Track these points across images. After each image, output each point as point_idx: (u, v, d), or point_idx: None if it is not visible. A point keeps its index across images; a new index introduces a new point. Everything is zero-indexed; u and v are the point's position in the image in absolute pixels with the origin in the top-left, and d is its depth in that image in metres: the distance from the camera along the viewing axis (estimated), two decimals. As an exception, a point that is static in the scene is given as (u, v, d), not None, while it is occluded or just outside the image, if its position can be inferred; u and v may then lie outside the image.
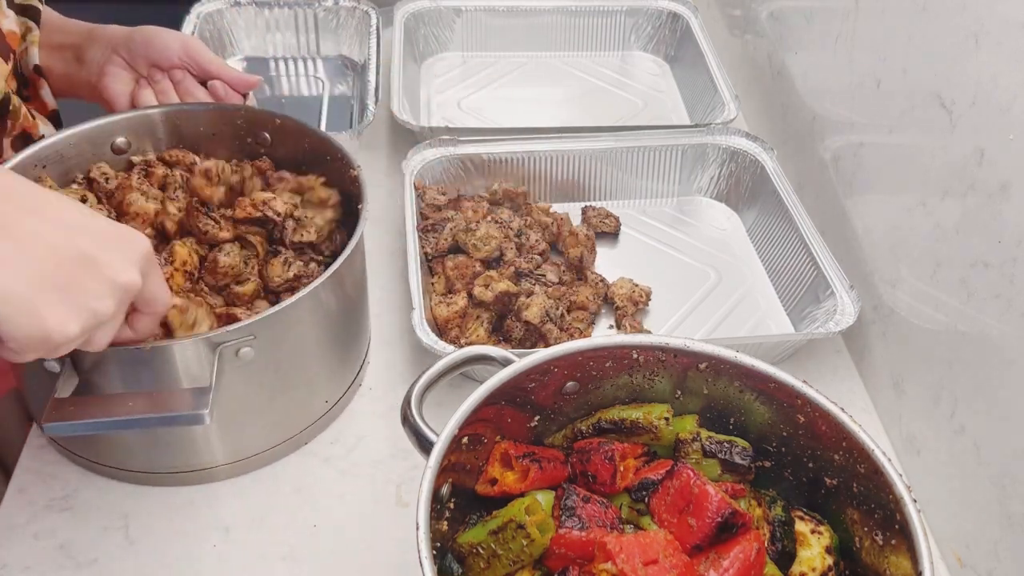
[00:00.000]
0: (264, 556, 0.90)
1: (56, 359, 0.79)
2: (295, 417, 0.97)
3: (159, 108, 1.07)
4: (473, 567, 0.72)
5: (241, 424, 0.92)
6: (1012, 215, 0.83)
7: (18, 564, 0.88)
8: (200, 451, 0.93)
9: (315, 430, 1.00)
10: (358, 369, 1.05)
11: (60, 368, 0.80)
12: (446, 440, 0.70)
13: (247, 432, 0.94)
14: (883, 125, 1.07)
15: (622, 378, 0.82)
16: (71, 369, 0.81)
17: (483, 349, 0.80)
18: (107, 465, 0.94)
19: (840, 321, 1.05)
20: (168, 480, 0.94)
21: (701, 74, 1.51)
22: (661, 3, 1.65)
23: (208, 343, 0.82)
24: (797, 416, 0.77)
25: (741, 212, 1.33)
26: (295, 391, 0.95)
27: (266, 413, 0.94)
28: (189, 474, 0.94)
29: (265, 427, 0.95)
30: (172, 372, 0.83)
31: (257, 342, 0.85)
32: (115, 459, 0.93)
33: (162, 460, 0.93)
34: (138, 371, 0.83)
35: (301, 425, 0.98)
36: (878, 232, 1.09)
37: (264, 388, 0.91)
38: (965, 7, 0.90)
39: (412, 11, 1.59)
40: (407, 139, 1.38)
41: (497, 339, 1.09)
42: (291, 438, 0.98)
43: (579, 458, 0.79)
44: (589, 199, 1.34)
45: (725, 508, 0.70)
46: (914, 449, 1.00)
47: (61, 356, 0.73)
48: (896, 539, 0.69)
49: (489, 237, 1.14)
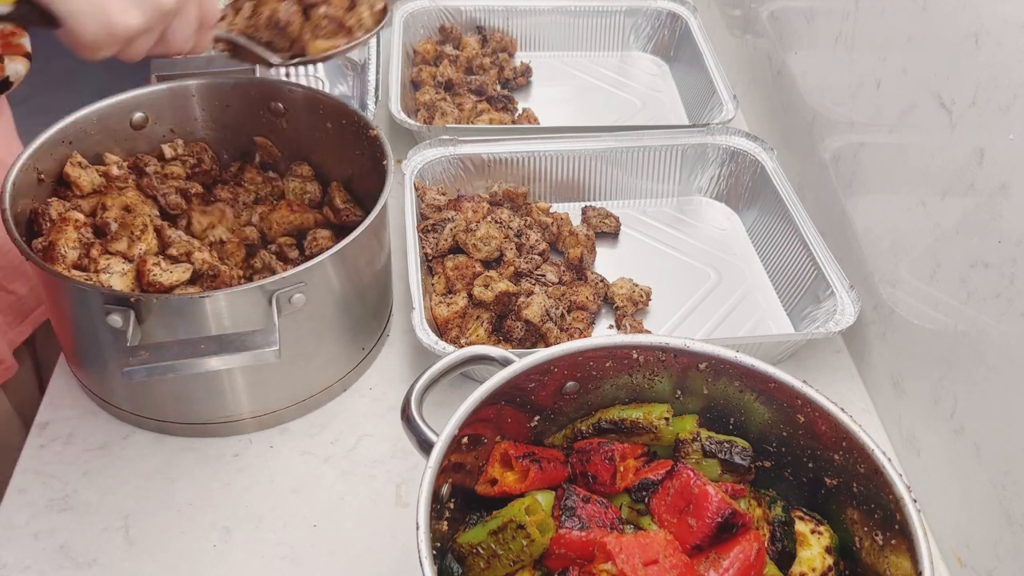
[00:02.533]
0: (264, 556, 0.90)
1: (119, 314, 0.84)
2: (338, 362, 1.03)
3: (175, 83, 1.11)
4: (473, 567, 0.72)
5: (294, 370, 0.98)
6: (1012, 215, 0.83)
7: (18, 564, 0.88)
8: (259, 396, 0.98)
9: (354, 376, 1.06)
10: (387, 318, 1.11)
11: (122, 323, 0.85)
12: (446, 440, 0.70)
13: (296, 377, 0.99)
14: (883, 125, 1.07)
15: (622, 378, 0.82)
16: (135, 321, 0.85)
17: (483, 349, 0.80)
18: (153, 419, 0.98)
19: (840, 321, 1.05)
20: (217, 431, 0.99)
21: (700, 74, 1.51)
22: (660, 3, 1.65)
23: (263, 291, 0.88)
24: (797, 416, 0.77)
25: (741, 212, 1.33)
26: (340, 337, 1.00)
27: (313, 359, 0.99)
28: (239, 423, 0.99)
29: (314, 371, 1.00)
30: (229, 318, 0.88)
31: (308, 288, 0.91)
32: (161, 412, 0.98)
33: (211, 410, 0.97)
34: (198, 321, 0.88)
35: (343, 371, 1.04)
36: (878, 232, 1.09)
37: (313, 334, 0.96)
38: (965, 7, 0.90)
39: (412, 11, 1.59)
40: (407, 139, 1.38)
41: (497, 339, 1.09)
42: (333, 384, 1.03)
43: (579, 458, 0.79)
44: (589, 199, 1.34)
45: (725, 508, 0.70)
46: (914, 449, 1.00)
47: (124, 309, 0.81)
48: (896, 539, 0.69)
49: (489, 237, 1.14)
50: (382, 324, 1.10)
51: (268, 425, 1.01)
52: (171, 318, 0.88)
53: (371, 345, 1.07)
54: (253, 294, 0.88)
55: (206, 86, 1.12)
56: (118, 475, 0.96)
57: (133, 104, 1.09)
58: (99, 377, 0.99)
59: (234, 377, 0.95)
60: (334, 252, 0.92)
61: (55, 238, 0.96)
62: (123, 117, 1.08)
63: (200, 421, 0.98)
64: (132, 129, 1.10)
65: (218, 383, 0.95)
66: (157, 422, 0.99)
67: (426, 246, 1.16)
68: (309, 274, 0.91)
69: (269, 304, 0.89)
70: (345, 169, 1.15)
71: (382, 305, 1.09)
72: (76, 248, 0.97)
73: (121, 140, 1.09)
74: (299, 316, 0.92)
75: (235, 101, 1.13)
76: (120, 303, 0.86)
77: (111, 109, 1.07)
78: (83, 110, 1.04)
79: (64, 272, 0.93)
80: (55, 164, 1.03)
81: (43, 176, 1.01)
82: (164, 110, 1.11)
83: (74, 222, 0.98)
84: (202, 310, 0.88)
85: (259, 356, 0.84)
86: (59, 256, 0.95)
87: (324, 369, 1.02)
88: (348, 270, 0.97)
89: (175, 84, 1.11)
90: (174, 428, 0.99)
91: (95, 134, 1.06)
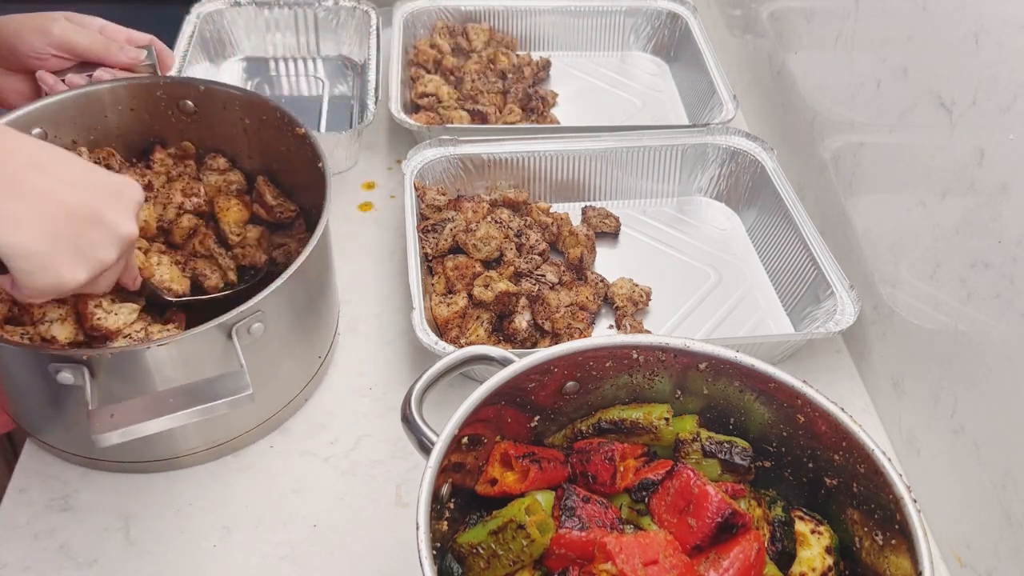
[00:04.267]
0: (264, 556, 0.90)
1: (70, 371, 0.80)
2: (297, 377, 1.02)
3: (72, 92, 1.02)
4: (473, 567, 0.72)
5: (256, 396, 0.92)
6: (1012, 215, 0.83)
7: (18, 564, 0.88)
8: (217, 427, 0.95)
9: (313, 386, 1.04)
10: (336, 319, 1.10)
11: (74, 379, 0.80)
12: (446, 440, 0.70)
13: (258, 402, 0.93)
14: (883, 125, 1.07)
15: (622, 378, 0.82)
16: (91, 379, 0.81)
17: (483, 349, 0.80)
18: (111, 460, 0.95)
19: (840, 321, 1.05)
20: (174, 464, 0.96)
21: (700, 74, 1.51)
22: (660, 3, 1.65)
23: (221, 328, 0.84)
24: (797, 416, 0.77)
25: (741, 212, 1.33)
26: (298, 352, 0.99)
27: (272, 380, 0.97)
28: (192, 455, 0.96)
29: (273, 392, 0.98)
30: (190, 360, 0.85)
31: (265, 316, 0.88)
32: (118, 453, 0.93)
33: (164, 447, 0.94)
34: (160, 369, 0.84)
35: (302, 383, 1.02)
36: (878, 232, 1.09)
37: (272, 358, 0.94)
38: (965, 7, 0.90)
39: (412, 11, 1.59)
40: (407, 139, 1.38)
41: (497, 339, 1.09)
42: (294, 399, 1.02)
43: (579, 458, 0.79)
44: (589, 199, 1.34)
45: (725, 508, 0.70)
46: (914, 449, 1.00)
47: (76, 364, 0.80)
48: (896, 539, 0.69)
49: (489, 237, 1.14)
50: (333, 326, 1.08)
51: (228, 452, 0.98)
52: (126, 369, 0.83)
53: (326, 351, 1.05)
54: (211, 333, 0.84)
55: (106, 91, 1.03)
56: (118, 475, 0.96)
57: (31, 120, 0.99)
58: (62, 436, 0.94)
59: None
60: (291, 273, 0.88)
61: None
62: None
63: (158, 458, 0.95)
64: None
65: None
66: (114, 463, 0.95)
67: (426, 246, 1.16)
68: (266, 303, 0.87)
69: (228, 338, 0.85)
70: (269, 164, 1.09)
71: (332, 307, 1.06)
72: (4, 301, 0.89)
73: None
74: (256, 344, 0.89)
75: (139, 103, 1.05)
76: (71, 360, 0.79)
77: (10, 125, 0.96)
78: None
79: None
80: None
81: None
82: (64, 123, 1.02)
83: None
84: (156, 359, 0.83)
85: (233, 403, 0.79)
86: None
87: (283, 387, 0.99)
88: (303, 287, 0.94)
89: (73, 93, 1.01)
90: (131, 467, 0.95)
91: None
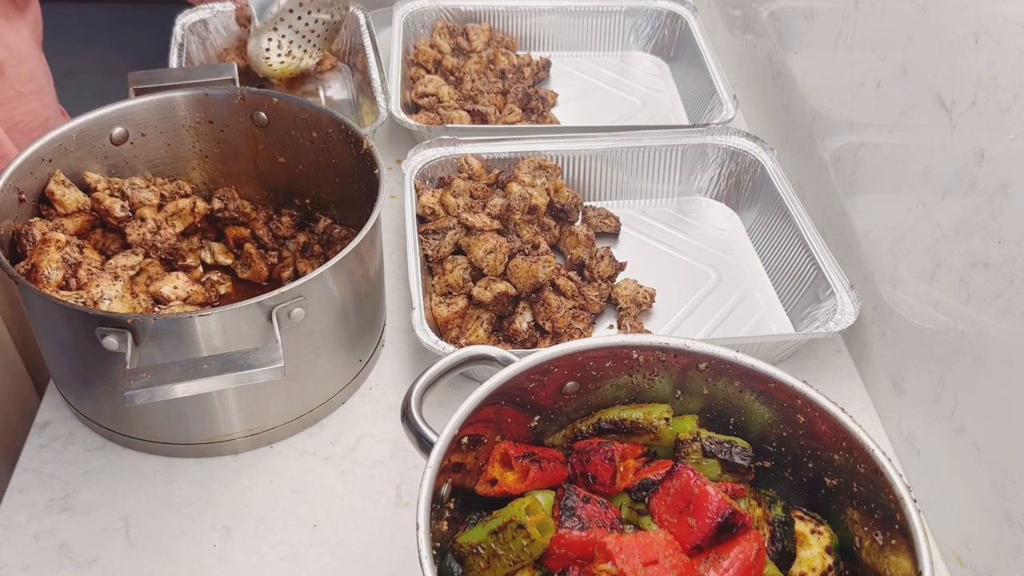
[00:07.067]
0: (264, 556, 0.90)
1: (115, 336, 0.83)
2: (336, 377, 1.02)
3: (152, 97, 1.08)
4: (473, 567, 0.72)
5: (292, 384, 0.97)
6: (1012, 215, 0.83)
7: (18, 564, 0.88)
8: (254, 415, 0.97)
9: (350, 390, 1.05)
10: (381, 329, 1.10)
11: (118, 345, 0.84)
12: (446, 440, 0.70)
13: (294, 395, 0.98)
14: (883, 125, 1.07)
15: (622, 378, 0.82)
16: (133, 346, 0.84)
17: (483, 349, 0.80)
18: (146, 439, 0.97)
19: (840, 321, 1.05)
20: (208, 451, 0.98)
21: (700, 74, 1.51)
22: (660, 3, 1.65)
23: (261, 307, 0.87)
24: (797, 416, 0.77)
25: (741, 212, 1.33)
26: (338, 350, 1.00)
27: (311, 375, 0.98)
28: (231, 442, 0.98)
29: (311, 387, 0.99)
30: (228, 336, 0.87)
31: (307, 302, 0.90)
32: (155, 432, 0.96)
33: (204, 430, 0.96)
34: (196, 339, 0.87)
35: (340, 384, 1.03)
36: (878, 232, 1.09)
37: (311, 350, 0.95)
38: (965, 7, 0.90)
39: (412, 11, 1.59)
40: (407, 139, 1.38)
41: (497, 339, 1.09)
42: (331, 398, 1.02)
43: (579, 458, 0.79)
44: (589, 199, 1.34)
45: (725, 508, 0.70)
46: (914, 449, 1.00)
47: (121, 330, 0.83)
48: (896, 539, 0.69)
49: (496, 250, 1.11)
50: (377, 334, 1.09)
51: (264, 443, 0.99)
52: (168, 338, 0.86)
53: (367, 356, 1.06)
54: (251, 311, 0.86)
55: (187, 99, 1.09)
56: (118, 475, 0.96)
57: (113, 119, 1.05)
58: (90, 400, 0.97)
59: (226, 397, 0.93)
60: (335, 263, 0.91)
61: (38, 260, 0.93)
62: (103, 133, 1.05)
63: (193, 441, 0.96)
64: (112, 145, 1.06)
65: (210, 403, 0.93)
66: (150, 443, 0.97)
67: (427, 248, 1.16)
68: (308, 288, 0.89)
69: (268, 320, 0.87)
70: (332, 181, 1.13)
71: (377, 314, 1.08)
72: (60, 269, 0.94)
73: (101, 156, 1.06)
74: (298, 332, 0.91)
75: (218, 112, 1.11)
76: (116, 324, 0.83)
77: (90, 125, 1.04)
78: (62, 127, 1.01)
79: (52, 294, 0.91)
80: (35, 183, 1.00)
81: (24, 196, 0.98)
82: (145, 124, 1.08)
83: (56, 242, 0.95)
84: (197, 329, 0.86)
85: (264, 374, 0.82)
86: (43, 278, 0.93)
87: (321, 384, 1.00)
88: (347, 280, 0.96)
89: (157, 97, 1.07)
90: (167, 449, 0.97)
91: (74, 151, 1.03)
